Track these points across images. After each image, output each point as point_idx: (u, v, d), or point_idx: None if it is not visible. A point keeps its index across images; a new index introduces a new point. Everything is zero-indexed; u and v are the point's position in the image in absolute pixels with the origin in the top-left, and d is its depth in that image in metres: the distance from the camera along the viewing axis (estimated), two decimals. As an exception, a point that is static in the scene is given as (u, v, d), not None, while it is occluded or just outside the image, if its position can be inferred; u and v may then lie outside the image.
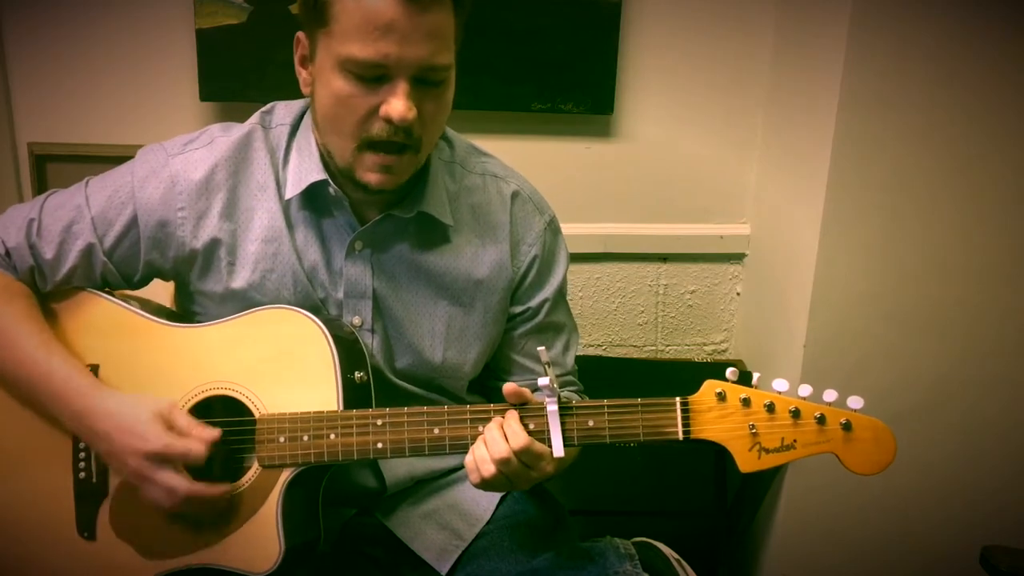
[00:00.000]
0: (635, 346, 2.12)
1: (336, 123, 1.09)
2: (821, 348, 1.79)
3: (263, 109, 1.24)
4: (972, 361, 1.84)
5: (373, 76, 1.04)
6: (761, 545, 2.02)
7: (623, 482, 2.13)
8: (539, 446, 1.04)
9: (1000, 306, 1.82)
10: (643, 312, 2.10)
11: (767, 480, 1.94)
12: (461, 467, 1.29)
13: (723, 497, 2.01)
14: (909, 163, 1.70)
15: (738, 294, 2.11)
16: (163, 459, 1.05)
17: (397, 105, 1.04)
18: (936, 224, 1.75)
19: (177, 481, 1.05)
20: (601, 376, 1.93)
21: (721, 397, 1.03)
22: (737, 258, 2.08)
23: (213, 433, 1.08)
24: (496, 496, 1.27)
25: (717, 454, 1.99)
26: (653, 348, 2.13)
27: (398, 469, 1.24)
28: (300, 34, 1.12)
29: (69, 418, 1.10)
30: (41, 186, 1.81)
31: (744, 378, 1.04)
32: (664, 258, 2.06)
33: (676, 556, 1.25)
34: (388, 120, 1.05)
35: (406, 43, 1.02)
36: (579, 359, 1.39)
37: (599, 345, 2.11)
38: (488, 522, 1.24)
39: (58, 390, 1.10)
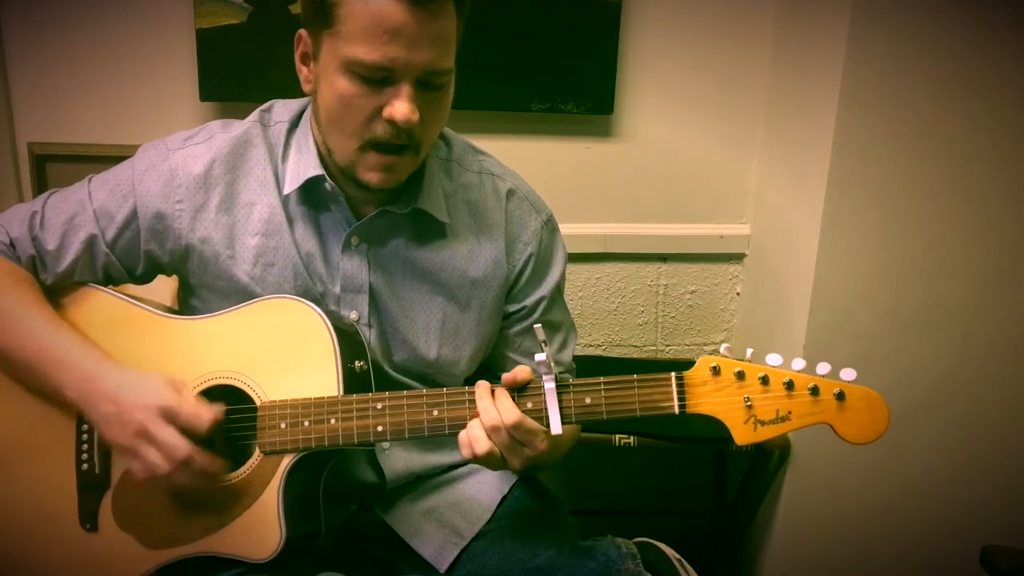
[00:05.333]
0: (635, 346, 2.12)
1: (339, 123, 1.10)
2: (821, 348, 1.79)
3: (262, 107, 1.25)
4: (972, 361, 1.84)
5: (378, 78, 1.05)
6: (761, 545, 2.02)
7: (623, 482, 2.14)
8: (531, 422, 1.04)
9: (1000, 306, 1.82)
10: (643, 312, 2.10)
11: (767, 480, 1.94)
12: (461, 464, 1.29)
13: (723, 497, 2.01)
14: (909, 163, 1.70)
15: (738, 294, 2.11)
16: (172, 416, 1.04)
17: (401, 108, 1.05)
18: (936, 224, 1.75)
19: (180, 441, 1.04)
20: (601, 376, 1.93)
21: (716, 371, 1.03)
22: (737, 258, 2.08)
23: (218, 410, 1.07)
24: (497, 495, 1.27)
25: (717, 454, 1.99)
26: (653, 348, 2.13)
27: (397, 463, 1.25)
28: (302, 32, 1.12)
29: (73, 384, 1.09)
30: (41, 186, 1.81)
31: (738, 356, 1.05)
32: (664, 258, 2.06)
33: (677, 556, 1.25)
34: (391, 122, 1.06)
35: (413, 48, 1.04)
36: (579, 359, 1.39)
37: (599, 345, 2.11)
38: (488, 521, 1.25)
39: (64, 359, 1.10)
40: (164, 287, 1.29)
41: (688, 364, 1.90)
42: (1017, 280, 1.80)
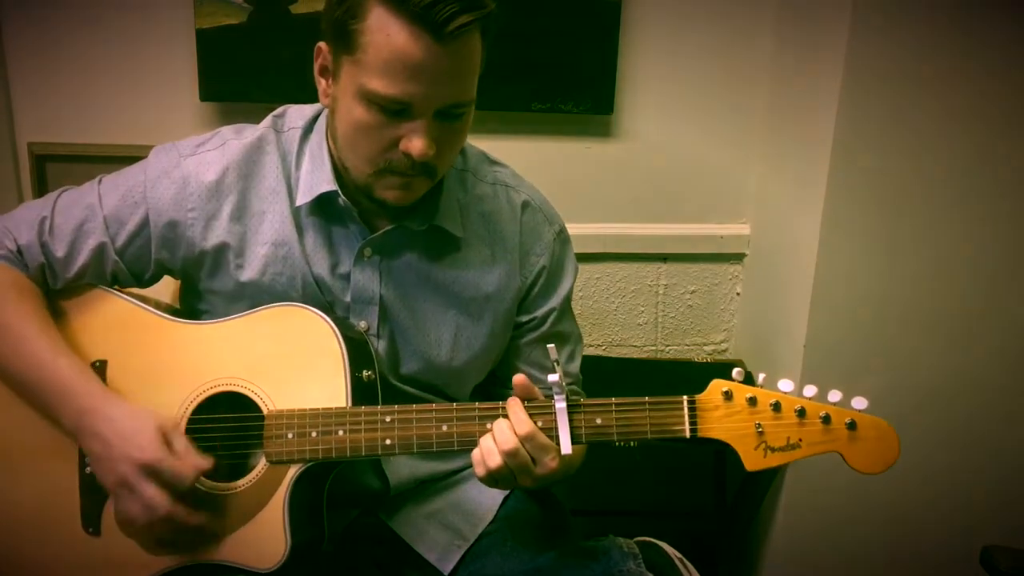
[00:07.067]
0: (635, 346, 2.12)
1: (355, 147, 1.09)
2: (821, 348, 1.79)
3: (275, 112, 1.23)
4: (972, 361, 1.84)
5: (395, 110, 1.04)
6: (761, 545, 2.02)
7: (624, 482, 2.13)
8: (544, 437, 1.04)
9: (1000, 306, 1.82)
10: (643, 312, 2.10)
11: (767, 480, 1.94)
12: (464, 468, 1.29)
13: (723, 497, 2.01)
14: (909, 163, 1.70)
15: (738, 294, 2.11)
16: (153, 472, 1.04)
17: (418, 144, 1.05)
18: (936, 224, 1.75)
19: (160, 498, 1.04)
20: (601, 376, 1.93)
21: (728, 396, 1.03)
22: (737, 258, 2.08)
23: (205, 463, 1.06)
24: (499, 496, 1.27)
25: (717, 454, 1.99)
26: (653, 348, 2.13)
27: (401, 470, 1.24)
28: (322, 45, 1.10)
29: (70, 416, 1.09)
30: (41, 186, 1.81)
31: (749, 379, 1.05)
32: (664, 258, 2.06)
33: (679, 555, 1.25)
34: (408, 155, 1.06)
35: (434, 84, 1.02)
36: (579, 359, 1.39)
37: (599, 345, 2.11)
38: (491, 522, 1.24)
39: (63, 388, 1.10)
40: (164, 289, 1.29)
41: (688, 364, 1.88)
42: (1018, 280, 1.80)
